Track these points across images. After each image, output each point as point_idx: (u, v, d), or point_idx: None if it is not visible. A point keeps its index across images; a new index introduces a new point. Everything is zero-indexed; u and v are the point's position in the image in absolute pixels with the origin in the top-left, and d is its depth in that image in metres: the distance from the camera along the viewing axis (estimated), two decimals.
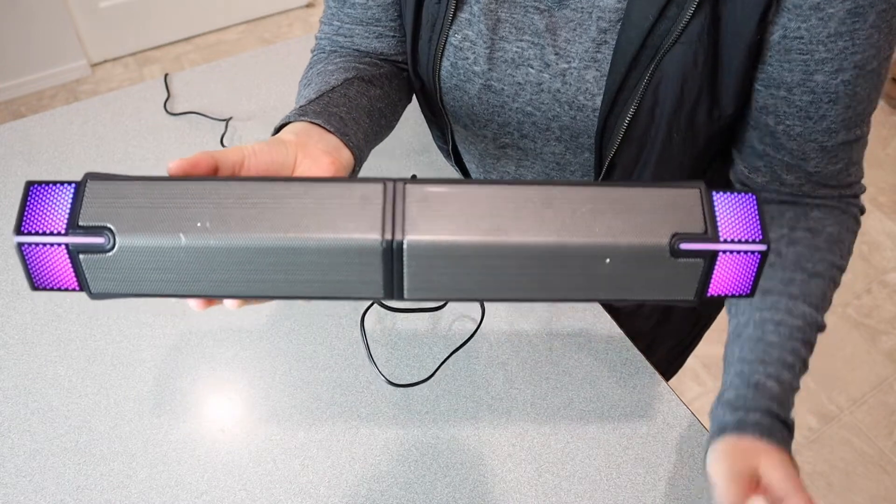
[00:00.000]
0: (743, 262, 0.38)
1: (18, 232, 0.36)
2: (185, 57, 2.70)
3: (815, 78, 0.56)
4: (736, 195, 0.39)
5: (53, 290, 0.39)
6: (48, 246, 0.37)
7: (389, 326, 0.78)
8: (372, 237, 0.37)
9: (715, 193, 0.39)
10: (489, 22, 0.63)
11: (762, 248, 0.38)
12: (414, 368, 0.74)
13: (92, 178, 0.38)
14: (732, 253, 0.38)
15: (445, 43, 0.65)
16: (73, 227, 0.37)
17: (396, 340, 0.77)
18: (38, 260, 0.37)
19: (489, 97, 0.67)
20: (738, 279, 0.39)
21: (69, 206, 0.37)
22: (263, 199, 0.38)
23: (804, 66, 0.56)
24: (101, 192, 0.37)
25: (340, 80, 0.63)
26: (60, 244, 0.37)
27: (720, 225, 0.38)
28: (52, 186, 0.37)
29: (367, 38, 0.69)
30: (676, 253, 0.37)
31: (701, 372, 1.79)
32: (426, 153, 0.97)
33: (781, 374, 0.57)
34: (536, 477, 0.67)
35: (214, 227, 0.37)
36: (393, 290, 0.39)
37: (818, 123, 0.58)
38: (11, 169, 0.94)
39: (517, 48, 0.63)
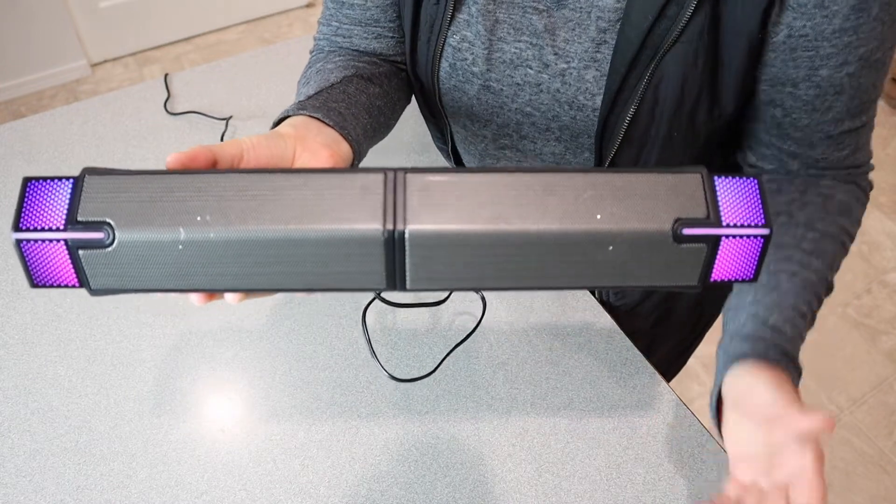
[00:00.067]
0: (746, 246, 0.38)
1: (16, 228, 0.36)
2: (185, 57, 2.70)
3: (820, 73, 0.56)
4: (737, 179, 0.38)
5: (53, 286, 0.38)
6: (47, 242, 0.36)
7: (390, 324, 0.78)
8: (373, 227, 0.37)
9: (717, 178, 0.38)
10: (487, 23, 0.62)
11: (765, 232, 0.38)
12: (415, 365, 0.74)
13: (90, 172, 0.37)
14: (735, 237, 0.38)
15: (444, 44, 0.65)
16: (71, 222, 0.36)
17: (397, 338, 0.77)
18: (36, 257, 0.37)
19: (488, 98, 0.67)
20: (741, 263, 0.39)
21: (67, 201, 0.36)
22: (263, 191, 0.37)
23: (809, 62, 0.56)
24: (99, 186, 0.37)
25: (339, 77, 0.62)
26: (59, 240, 0.36)
27: (722, 210, 0.38)
28: (49, 182, 0.37)
29: (365, 38, 0.69)
30: (679, 238, 0.37)
31: (701, 372, 1.79)
32: (426, 153, 0.97)
33: (796, 320, 0.57)
34: (536, 477, 0.67)
35: (214, 220, 0.36)
36: (395, 280, 0.39)
37: (824, 115, 0.59)
38: (11, 169, 0.94)
39: (515, 49, 0.63)
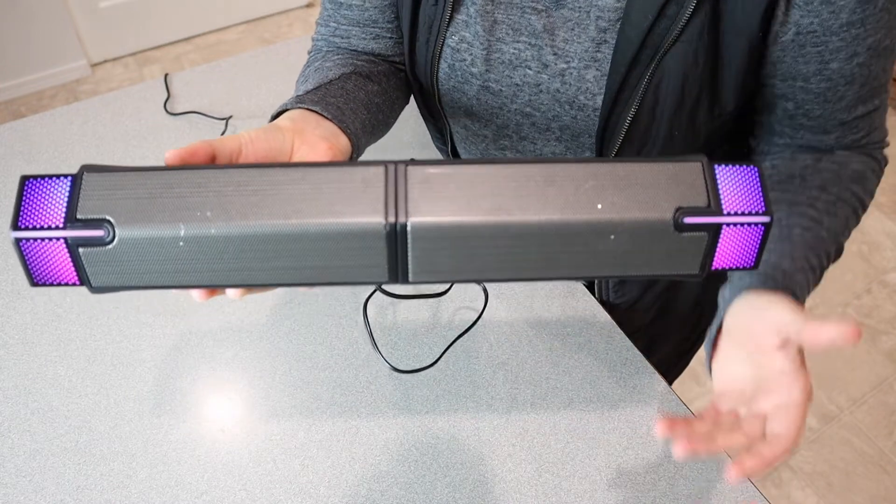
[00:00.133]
0: (747, 234, 0.38)
1: (15, 227, 0.35)
2: (185, 57, 2.70)
3: (830, 66, 0.56)
4: (738, 168, 0.39)
5: (53, 285, 0.38)
6: (46, 241, 0.36)
7: (391, 317, 0.78)
8: (375, 220, 0.36)
9: (717, 167, 0.39)
10: (486, 23, 0.62)
11: (765, 219, 0.38)
12: (416, 358, 0.74)
13: (88, 170, 0.37)
14: (736, 226, 0.38)
15: (443, 45, 0.65)
16: (71, 220, 0.36)
17: (398, 331, 0.77)
18: (36, 255, 0.36)
19: (487, 98, 0.67)
20: (742, 251, 0.39)
21: (66, 199, 0.36)
22: (263, 185, 0.37)
23: (819, 56, 0.56)
24: (98, 184, 0.37)
25: (338, 74, 0.62)
26: (59, 238, 0.36)
27: (723, 198, 0.38)
28: (47, 180, 0.37)
29: (363, 39, 0.69)
30: (680, 227, 0.37)
31: (701, 372, 1.79)
32: (425, 153, 0.97)
33: (806, 271, 0.57)
34: (536, 477, 0.67)
35: (215, 215, 0.36)
36: (398, 273, 0.39)
37: (836, 104, 0.59)
38: (11, 169, 0.94)
39: (514, 49, 0.63)
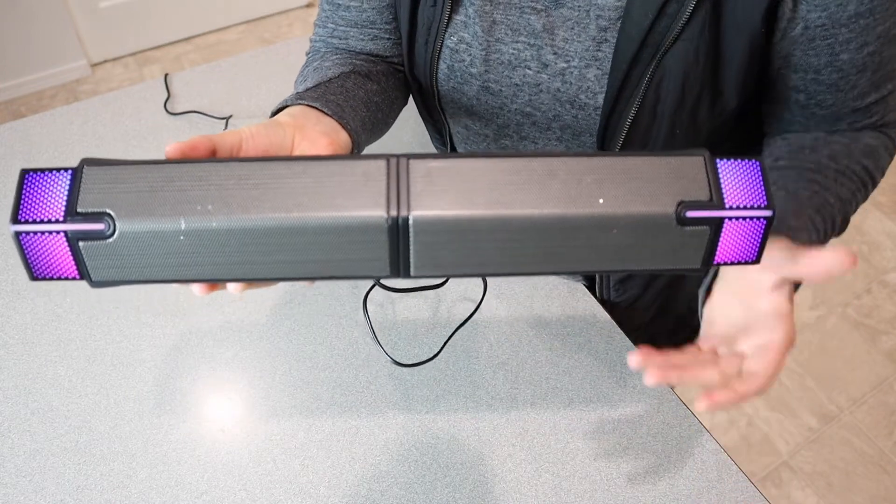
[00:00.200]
0: (749, 228, 0.38)
1: (15, 221, 0.35)
2: (185, 57, 2.70)
3: (841, 57, 0.56)
4: (740, 162, 0.39)
5: (53, 279, 0.37)
6: (46, 234, 0.36)
7: (390, 315, 0.78)
8: (377, 214, 0.36)
9: (719, 161, 0.38)
10: (484, 24, 0.62)
11: (768, 213, 0.38)
12: (417, 351, 0.74)
13: (89, 163, 0.37)
14: (738, 219, 0.38)
15: (441, 46, 0.65)
16: (71, 213, 0.36)
17: (399, 325, 0.76)
18: (36, 249, 0.36)
19: (487, 98, 0.66)
20: (744, 246, 0.39)
21: (66, 192, 0.36)
22: (264, 179, 0.37)
23: (829, 48, 0.56)
24: (98, 177, 0.36)
25: (337, 73, 0.62)
26: (59, 232, 0.36)
27: (725, 192, 0.38)
28: (47, 173, 0.36)
29: (361, 40, 0.69)
30: (683, 221, 0.37)
31: None
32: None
33: (810, 230, 0.55)
34: (536, 477, 0.67)
35: (216, 209, 0.36)
36: (399, 267, 0.38)
37: (849, 93, 0.59)
38: (11, 169, 0.94)
39: (513, 50, 0.63)
